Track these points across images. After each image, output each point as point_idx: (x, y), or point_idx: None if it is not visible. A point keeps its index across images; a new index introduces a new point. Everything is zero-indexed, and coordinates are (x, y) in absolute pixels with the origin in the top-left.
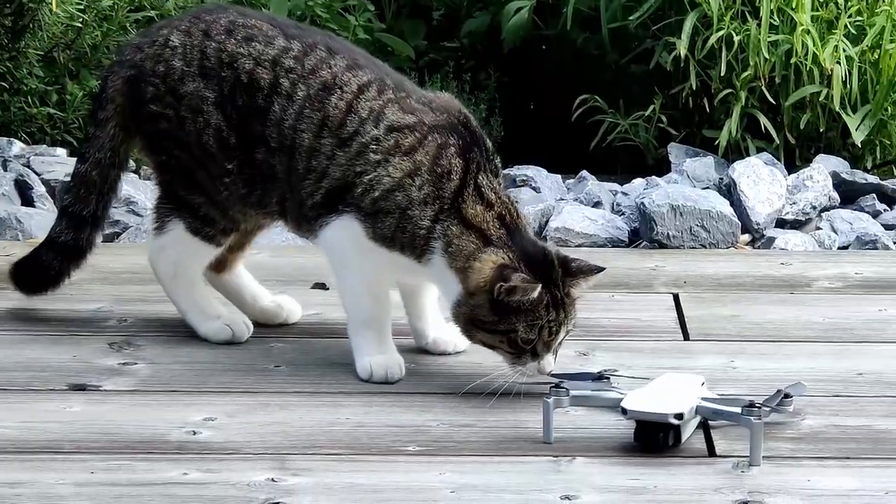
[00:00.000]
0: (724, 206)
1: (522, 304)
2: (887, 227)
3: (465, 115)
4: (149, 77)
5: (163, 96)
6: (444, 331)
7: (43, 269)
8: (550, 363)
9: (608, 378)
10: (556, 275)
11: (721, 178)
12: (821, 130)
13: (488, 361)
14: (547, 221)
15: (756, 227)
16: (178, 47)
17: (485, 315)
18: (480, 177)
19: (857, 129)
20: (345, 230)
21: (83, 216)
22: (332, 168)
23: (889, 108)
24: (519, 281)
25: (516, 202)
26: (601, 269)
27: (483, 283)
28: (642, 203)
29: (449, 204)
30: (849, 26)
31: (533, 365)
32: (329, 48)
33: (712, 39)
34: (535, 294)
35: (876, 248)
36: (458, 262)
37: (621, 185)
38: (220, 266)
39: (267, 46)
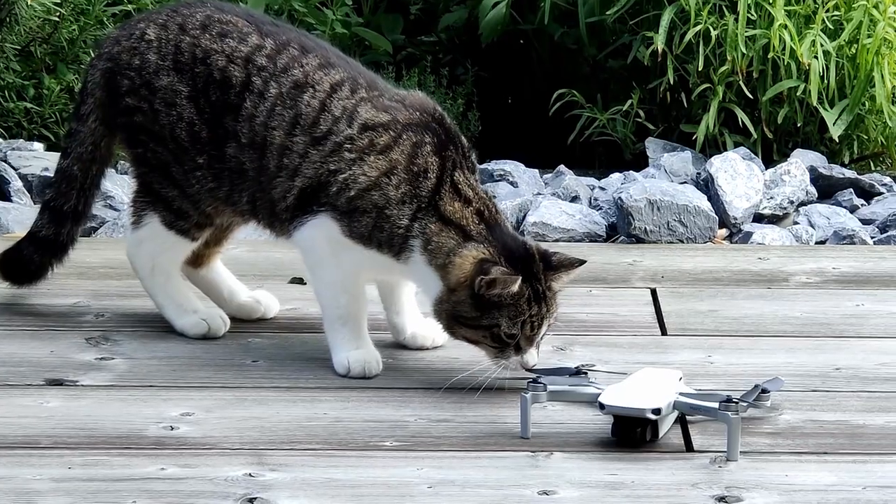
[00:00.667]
0: (701, 200)
1: (504, 299)
2: (864, 222)
3: (440, 112)
4: (125, 70)
5: (138, 89)
6: (422, 326)
7: (24, 263)
8: (533, 357)
9: (586, 373)
10: (537, 268)
11: (698, 173)
12: (798, 125)
13: (465, 356)
14: (525, 216)
15: (733, 221)
16: (153, 41)
17: (467, 311)
18: (457, 174)
19: (834, 124)
20: (320, 229)
21: (64, 211)
22: (305, 166)
23: (866, 103)
24: (499, 274)
25: (494, 198)
26: (582, 262)
27: (464, 279)
28: (620, 198)
29: (427, 202)
30: (826, 21)
31: (516, 359)
32: (302, 46)
33: (690, 34)
34: (516, 287)
35: (853, 243)
36: (439, 259)
37: (599, 179)
38: (197, 261)
39: (240, 43)
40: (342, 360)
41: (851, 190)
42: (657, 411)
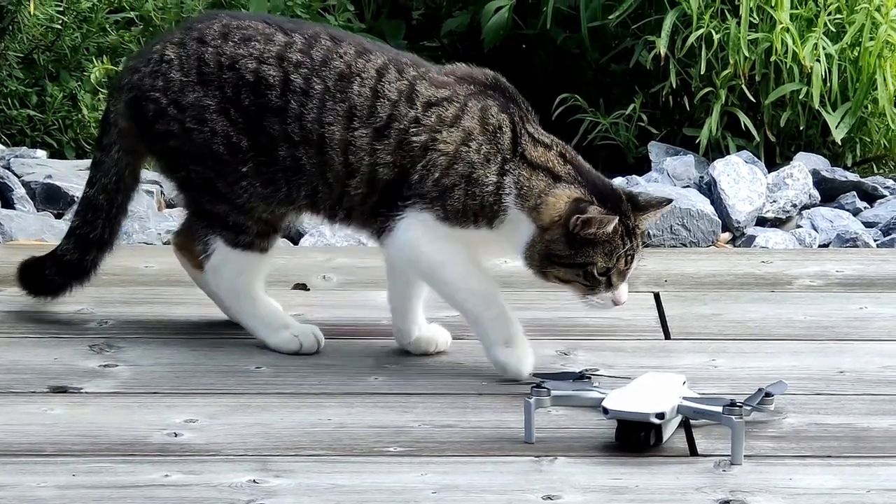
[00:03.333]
0: (704, 204)
1: (599, 236)
2: (867, 225)
3: (493, 75)
4: (148, 94)
5: (165, 110)
6: (426, 330)
7: (45, 280)
8: (624, 293)
9: (589, 378)
10: (625, 207)
11: (701, 177)
12: (801, 128)
13: (469, 362)
14: None
15: (736, 225)
16: (173, 60)
17: (561, 249)
18: (528, 126)
19: (837, 127)
20: (416, 228)
21: (90, 239)
22: (380, 168)
23: (869, 106)
24: (595, 213)
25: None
26: (669, 201)
27: (558, 217)
28: None
29: (510, 153)
30: (828, 24)
31: (608, 295)
32: (332, 36)
33: (692, 38)
34: (611, 227)
35: (856, 246)
36: (530, 201)
37: None
38: (202, 263)
39: (267, 44)
40: (499, 358)
41: (854, 193)
42: (661, 415)
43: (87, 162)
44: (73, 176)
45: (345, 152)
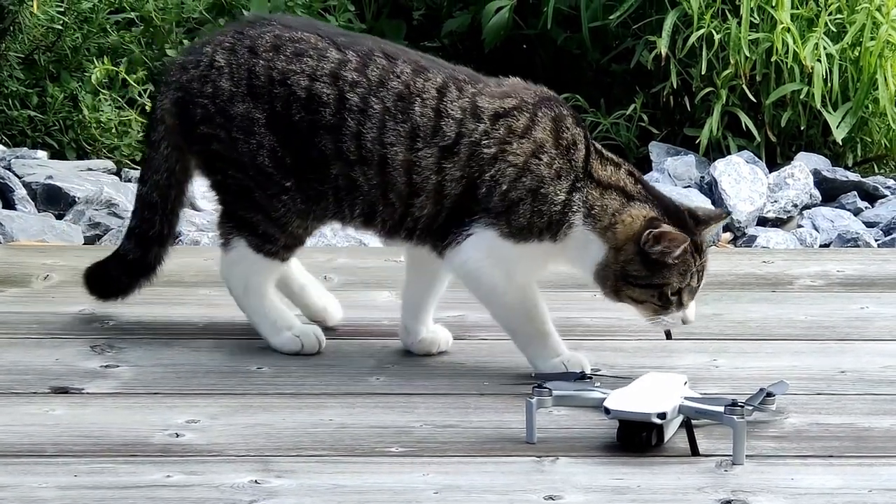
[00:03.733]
0: (705, 204)
1: (671, 256)
2: (868, 225)
3: (549, 91)
4: (197, 98)
5: (213, 117)
6: (432, 331)
7: (112, 281)
8: (693, 311)
9: (591, 378)
10: (690, 224)
11: (702, 177)
12: (802, 128)
13: (471, 362)
14: None
15: (738, 225)
16: (223, 67)
17: (637, 270)
18: (591, 141)
19: (837, 127)
20: (478, 248)
21: (150, 237)
22: (448, 184)
23: (870, 106)
24: (668, 228)
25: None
26: (728, 213)
27: (633, 235)
28: None
29: (582, 172)
30: (829, 24)
31: (678, 314)
32: (386, 54)
33: (693, 38)
34: (681, 248)
35: (857, 246)
36: (603, 222)
37: None
38: None
39: (320, 61)
40: (557, 365)
41: (855, 193)
42: (662, 415)
43: (88, 163)
44: (73, 176)
45: (409, 172)
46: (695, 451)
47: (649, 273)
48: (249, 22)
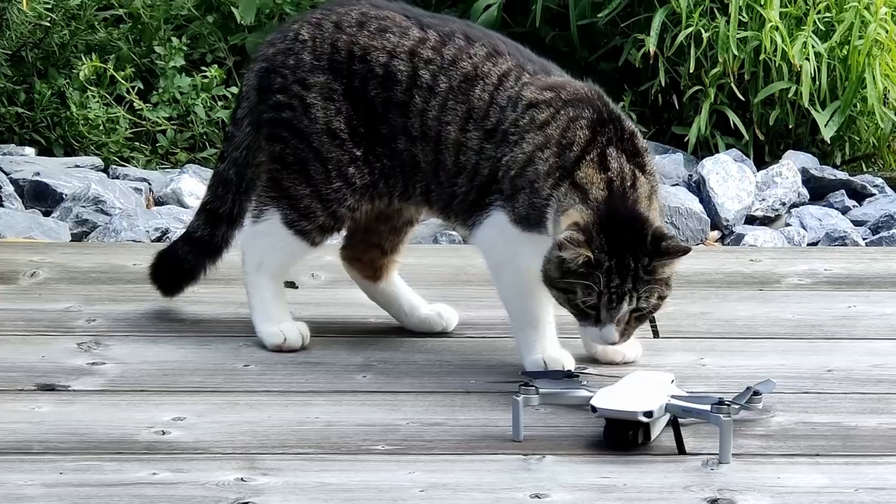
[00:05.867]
0: (693, 202)
1: (577, 266)
2: (856, 224)
3: (605, 97)
4: (279, 68)
5: (290, 86)
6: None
7: (178, 262)
8: (611, 333)
9: (578, 376)
10: (639, 248)
11: (690, 175)
12: (790, 127)
13: (457, 361)
14: None
15: (725, 223)
16: (307, 40)
17: (552, 270)
18: (610, 150)
19: (826, 126)
20: (495, 227)
21: (220, 214)
22: (482, 164)
23: (858, 104)
24: (570, 237)
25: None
26: (687, 251)
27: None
28: None
29: (568, 171)
30: (817, 23)
31: (595, 330)
32: (467, 36)
33: (681, 36)
34: (580, 259)
35: (845, 245)
36: (557, 217)
37: None
38: (375, 274)
39: (402, 38)
40: (538, 361)
41: (843, 191)
42: (649, 414)
43: (76, 159)
44: (61, 173)
45: (457, 153)
46: (681, 450)
47: (560, 275)
48: (340, 2)
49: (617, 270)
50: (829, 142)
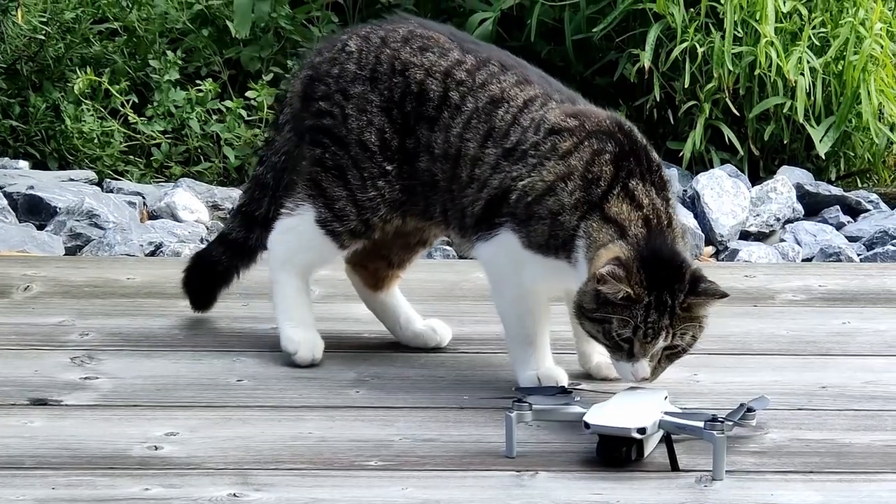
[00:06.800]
0: (687, 218)
1: (617, 299)
2: (851, 239)
3: (629, 126)
4: (323, 77)
5: (332, 95)
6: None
7: (212, 263)
8: (644, 368)
9: (571, 392)
10: (678, 286)
11: (685, 190)
12: (785, 142)
13: (451, 376)
14: None
15: (720, 239)
16: (353, 52)
17: (587, 302)
18: (633, 182)
19: (820, 141)
20: (502, 245)
21: (255, 217)
22: (494, 176)
23: (853, 120)
24: (612, 271)
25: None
26: (724, 295)
27: (596, 273)
28: None
29: (595, 204)
30: (813, 38)
31: (626, 365)
32: (502, 64)
33: (676, 51)
34: (621, 294)
35: (839, 261)
36: (591, 252)
37: None
38: (378, 284)
39: (441, 58)
40: (531, 378)
41: (838, 207)
42: (642, 430)
43: (70, 173)
44: (55, 187)
45: (473, 166)
46: (675, 467)
47: (596, 307)
48: (391, 19)
49: (655, 306)
50: (823, 157)
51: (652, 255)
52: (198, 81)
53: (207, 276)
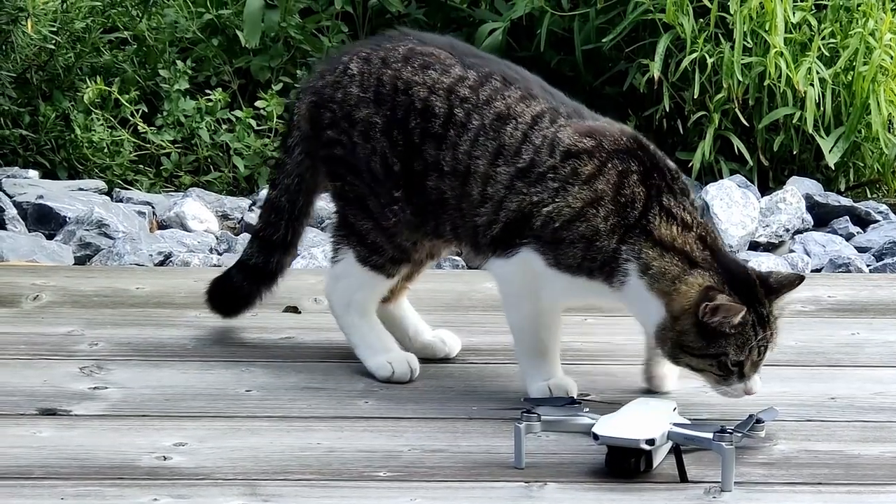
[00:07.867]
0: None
1: (729, 327)
2: (860, 250)
3: (641, 138)
4: (328, 103)
5: (339, 122)
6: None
7: (234, 289)
8: (757, 383)
9: (580, 403)
10: (759, 293)
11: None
12: (794, 152)
13: (460, 387)
14: None
15: (729, 249)
16: (356, 74)
17: (692, 340)
18: (665, 198)
19: (830, 152)
20: (522, 262)
21: (273, 241)
22: (510, 198)
23: (862, 131)
24: (724, 300)
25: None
26: (801, 279)
27: (688, 306)
28: None
29: (633, 225)
30: (822, 48)
31: (740, 386)
32: (504, 78)
33: (686, 62)
34: (738, 318)
35: (849, 271)
36: (662, 286)
37: None
38: (386, 295)
39: (443, 75)
40: (542, 388)
41: (847, 218)
42: (651, 441)
43: (79, 182)
44: (64, 196)
45: (484, 183)
46: (683, 478)
47: (705, 343)
48: (389, 37)
49: (758, 322)
50: (833, 168)
51: (729, 273)
52: (207, 91)
53: (230, 299)
